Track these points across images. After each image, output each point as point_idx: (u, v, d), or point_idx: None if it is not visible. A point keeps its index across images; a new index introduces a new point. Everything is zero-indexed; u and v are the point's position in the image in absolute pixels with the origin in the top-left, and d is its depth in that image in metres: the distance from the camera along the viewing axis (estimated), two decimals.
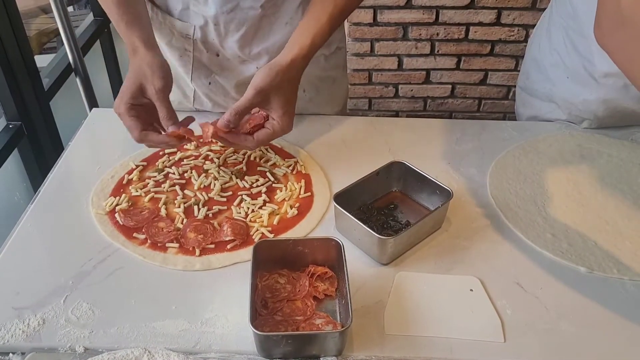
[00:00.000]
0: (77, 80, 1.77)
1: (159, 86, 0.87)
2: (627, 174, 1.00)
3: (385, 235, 0.82)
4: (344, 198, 0.87)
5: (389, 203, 0.93)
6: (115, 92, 1.31)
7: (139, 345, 0.69)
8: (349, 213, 0.88)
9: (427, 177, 0.90)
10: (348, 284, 0.72)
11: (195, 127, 0.93)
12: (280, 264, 0.79)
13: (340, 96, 1.22)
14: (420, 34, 2.61)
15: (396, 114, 2.88)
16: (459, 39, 2.62)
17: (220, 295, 0.78)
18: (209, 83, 1.07)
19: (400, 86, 2.78)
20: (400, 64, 2.71)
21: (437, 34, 2.61)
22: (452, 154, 1.05)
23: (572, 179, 0.99)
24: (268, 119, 0.90)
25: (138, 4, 0.94)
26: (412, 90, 2.79)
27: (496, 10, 2.54)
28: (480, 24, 2.56)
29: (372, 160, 0.95)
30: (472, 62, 2.67)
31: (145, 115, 0.89)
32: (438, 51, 2.66)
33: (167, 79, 0.89)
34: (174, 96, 1.09)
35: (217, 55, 1.03)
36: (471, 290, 0.80)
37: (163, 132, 0.89)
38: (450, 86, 2.78)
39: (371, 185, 0.92)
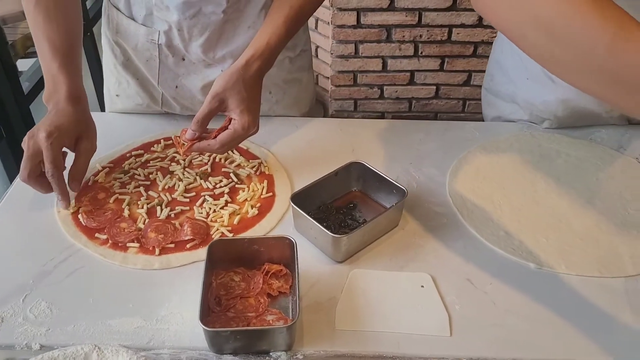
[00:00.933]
0: None
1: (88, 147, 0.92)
2: (584, 172, 1.02)
3: (341, 233, 0.84)
4: (302, 198, 0.89)
5: (348, 202, 0.95)
6: (100, 94, 1.32)
7: (94, 342, 0.71)
8: (308, 212, 0.90)
9: (384, 177, 0.92)
10: (298, 281, 0.75)
11: None
12: (237, 262, 0.82)
13: (307, 97, 1.25)
14: (403, 36, 2.63)
15: (382, 115, 2.91)
16: (442, 41, 2.64)
17: (177, 293, 0.80)
18: (176, 87, 1.09)
19: (385, 87, 2.81)
20: (384, 65, 2.73)
21: (421, 36, 2.64)
22: (415, 154, 1.07)
23: (530, 178, 1.01)
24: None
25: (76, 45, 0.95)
26: (396, 92, 2.81)
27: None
28: (462, 25, 2.59)
29: (336, 161, 0.97)
30: (456, 63, 2.69)
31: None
32: (422, 53, 2.68)
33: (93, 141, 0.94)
34: (142, 99, 1.12)
35: (183, 59, 1.05)
36: (422, 286, 0.82)
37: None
38: (434, 87, 2.81)
39: (330, 185, 0.94)
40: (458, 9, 2.54)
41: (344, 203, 0.95)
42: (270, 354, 0.72)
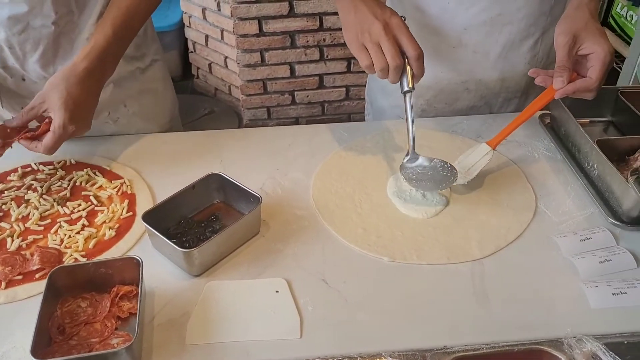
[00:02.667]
0: None
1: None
2: None
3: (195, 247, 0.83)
4: (159, 215, 0.88)
5: (210, 215, 0.95)
6: None
7: None
8: (167, 229, 0.91)
9: (240, 186, 0.92)
10: (140, 301, 0.74)
11: None
12: (87, 287, 0.80)
13: (166, 108, 1.24)
14: (307, 41, 2.66)
15: (296, 120, 2.92)
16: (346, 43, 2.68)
17: (22, 326, 0.77)
18: (21, 108, 1.06)
19: (296, 93, 2.83)
20: (292, 71, 2.75)
21: (324, 40, 2.67)
22: (282, 159, 1.08)
23: (391, 174, 1.04)
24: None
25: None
26: (307, 96, 2.84)
27: None
28: None
29: (203, 174, 0.96)
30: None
31: None
32: (327, 56, 2.72)
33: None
34: None
35: (23, 79, 1.03)
36: (277, 291, 0.82)
37: None
38: (344, 89, 2.85)
39: (190, 199, 0.93)
40: None
41: (205, 216, 0.95)
42: None
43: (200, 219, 0.94)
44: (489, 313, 0.79)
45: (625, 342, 0.75)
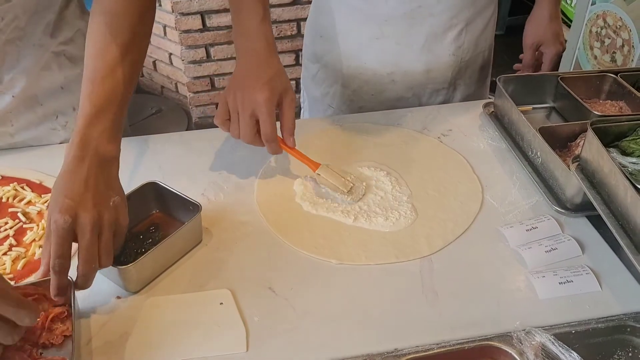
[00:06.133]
0: None
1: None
2: (390, 158, 1.04)
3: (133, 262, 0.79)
4: None
5: (149, 226, 0.90)
6: None
7: None
8: None
9: (178, 194, 0.88)
10: (73, 323, 0.69)
11: None
12: None
13: None
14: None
15: None
16: (292, 35, 2.65)
17: None
18: None
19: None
20: None
21: None
22: (225, 163, 1.04)
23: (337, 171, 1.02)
24: None
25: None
26: None
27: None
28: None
29: (140, 182, 0.92)
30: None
31: None
32: None
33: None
34: None
35: None
36: (221, 303, 0.79)
37: None
38: (294, 82, 2.81)
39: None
40: (302, 2, 2.55)
41: (143, 227, 0.90)
42: None
43: (138, 231, 0.89)
44: (438, 311, 0.78)
45: (573, 331, 0.75)
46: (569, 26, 2.32)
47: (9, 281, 0.80)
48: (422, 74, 1.22)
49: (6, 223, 0.90)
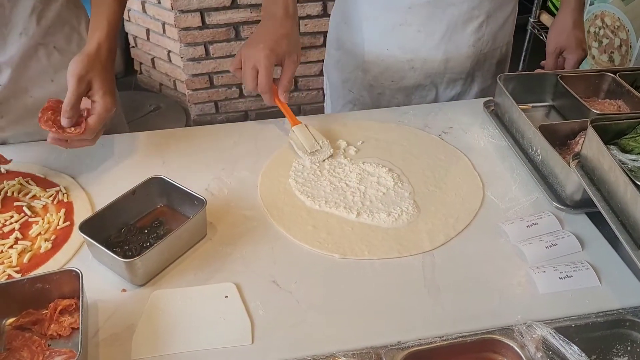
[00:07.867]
0: None
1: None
2: (392, 155, 1.05)
3: (138, 255, 0.80)
4: (98, 223, 0.84)
5: (153, 220, 0.91)
6: None
7: None
8: (108, 237, 0.87)
9: (183, 189, 0.89)
10: (82, 315, 0.70)
11: None
12: (24, 305, 0.75)
13: None
14: (252, 33, 2.60)
15: (245, 113, 2.88)
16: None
17: None
18: None
19: (243, 86, 2.77)
20: None
21: None
22: (228, 158, 1.05)
23: (338, 168, 1.03)
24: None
25: None
26: None
27: (321, 2, 2.60)
28: (308, 16, 2.61)
29: (145, 177, 0.92)
30: (309, 54, 2.71)
31: None
32: None
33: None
34: None
35: None
36: (226, 296, 0.80)
37: None
38: (293, 80, 2.81)
39: (132, 204, 0.89)
40: (301, 0, 2.55)
41: (148, 222, 0.91)
42: None
43: (144, 225, 0.90)
44: (441, 305, 0.79)
45: (573, 325, 0.76)
46: None
47: None
48: (441, 63, 1.25)
49: (12, 217, 0.90)
